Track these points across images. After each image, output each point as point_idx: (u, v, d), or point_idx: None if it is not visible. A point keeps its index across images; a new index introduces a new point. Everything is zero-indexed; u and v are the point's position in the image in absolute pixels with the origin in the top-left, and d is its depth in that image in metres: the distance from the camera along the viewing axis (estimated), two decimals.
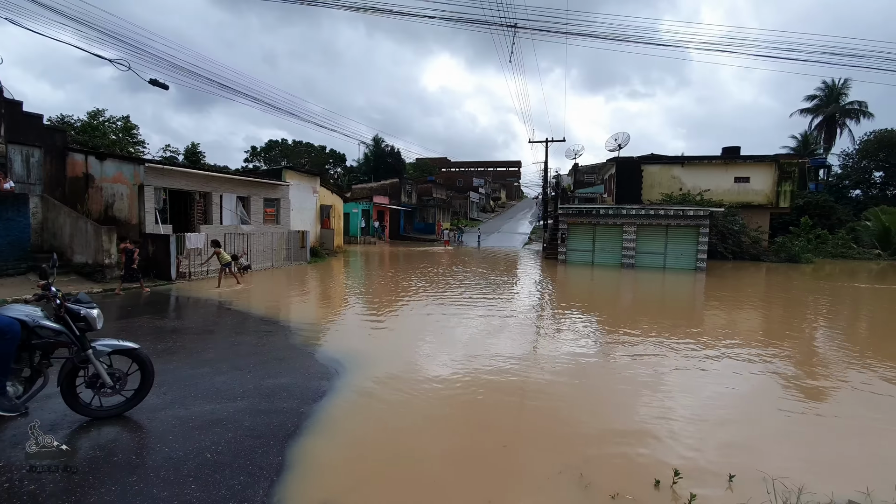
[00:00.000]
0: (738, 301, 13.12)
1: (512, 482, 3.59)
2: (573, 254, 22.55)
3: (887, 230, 28.12)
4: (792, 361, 7.16)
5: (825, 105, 43.04)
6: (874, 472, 3.70)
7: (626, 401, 5.41)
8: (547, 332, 8.69)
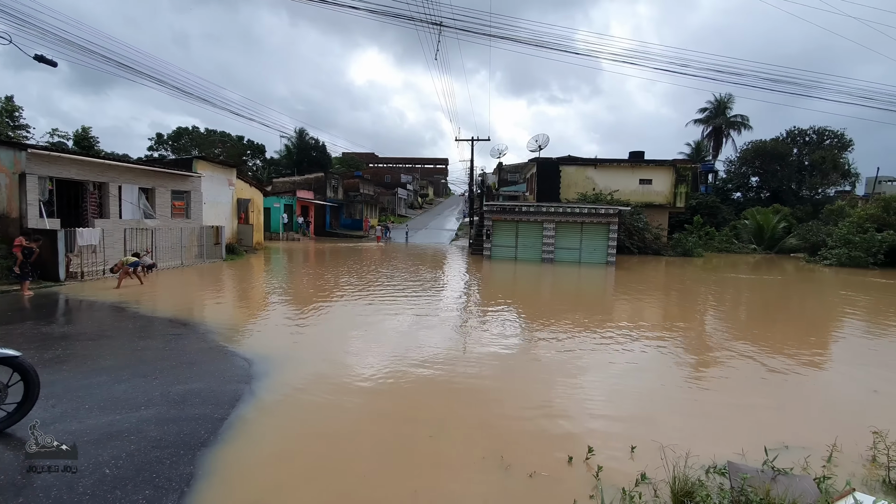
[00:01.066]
0: (643, 291, 14.46)
1: (438, 471, 3.69)
2: (497, 249, 23.37)
3: (761, 228, 32.53)
4: (686, 343, 8.07)
5: (714, 117, 48.59)
6: (749, 437, 4.30)
7: (544, 386, 5.76)
8: (473, 325, 8.96)
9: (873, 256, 23.03)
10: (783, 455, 3.85)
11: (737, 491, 2.92)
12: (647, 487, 3.31)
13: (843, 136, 39.67)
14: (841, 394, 5.93)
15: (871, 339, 9.16)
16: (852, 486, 3.35)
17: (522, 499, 3.21)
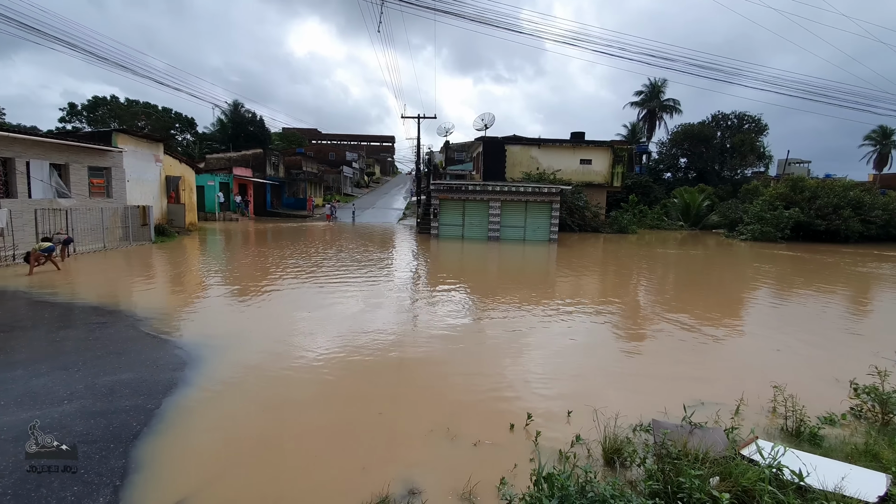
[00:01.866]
0: (584, 267, 15.21)
1: (386, 446, 3.77)
2: (445, 228, 23.51)
3: (688, 206, 35.03)
4: (620, 314, 8.64)
5: (649, 100, 51.06)
6: (671, 397, 4.71)
7: (491, 360, 5.98)
8: (422, 304, 9.04)
9: (781, 231, 25.60)
10: (699, 411, 4.29)
11: (658, 445, 3.23)
12: (582, 448, 3.58)
13: (759, 120, 43.17)
14: (749, 354, 6.64)
15: (776, 305, 10.28)
16: (755, 435, 3.81)
17: (467, 467, 3.37)
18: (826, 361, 6.24)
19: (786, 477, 2.96)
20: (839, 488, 2.89)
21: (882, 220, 26.47)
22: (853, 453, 3.57)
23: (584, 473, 2.74)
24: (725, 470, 2.97)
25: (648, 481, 2.84)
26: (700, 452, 3.15)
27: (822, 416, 4.26)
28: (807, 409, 4.16)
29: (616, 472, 3.29)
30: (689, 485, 2.64)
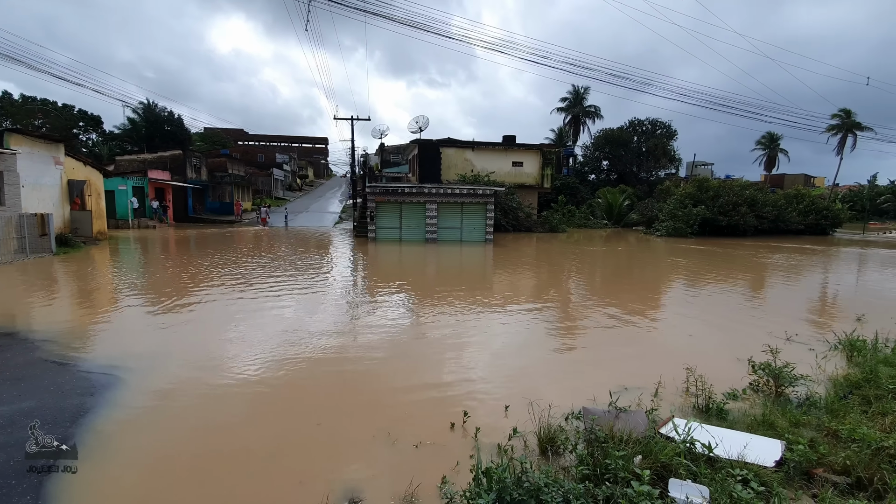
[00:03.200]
0: (518, 265, 15.76)
1: (325, 457, 3.68)
2: (382, 231, 23.30)
3: (611, 205, 37.50)
4: (553, 309, 9.07)
5: (573, 106, 53.99)
6: (600, 384, 5.03)
7: (431, 360, 6.03)
8: (360, 308, 8.89)
9: (691, 227, 28.20)
10: (624, 396, 4.62)
11: (588, 431, 3.45)
12: (519, 440, 3.72)
13: (669, 126, 47.16)
14: (667, 340, 7.26)
15: (688, 293, 11.31)
16: (672, 414, 4.18)
17: (409, 469, 3.38)
18: (730, 343, 6.96)
19: (698, 450, 3.28)
20: (742, 456, 3.25)
21: (772, 216, 30.04)
22: (753, 424, 4.03)
23: (520, 465, 2.86)
24: (646, 449, 3.24)
25: (579, 466, 3.03)
26: (624, 435, 3.40)
27: (727, 392, 4.76)
28: (714, 386, 4.63)
29: (550, 460, 3.47)
30: (615, 465, 2.85)
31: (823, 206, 33.07)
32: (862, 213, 43.98)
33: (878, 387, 4.54)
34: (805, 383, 4.82)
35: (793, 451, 3.34)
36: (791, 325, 7.71)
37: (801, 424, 3.93)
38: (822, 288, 13.07)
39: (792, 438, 3.54)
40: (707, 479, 2.94)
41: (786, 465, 3.26)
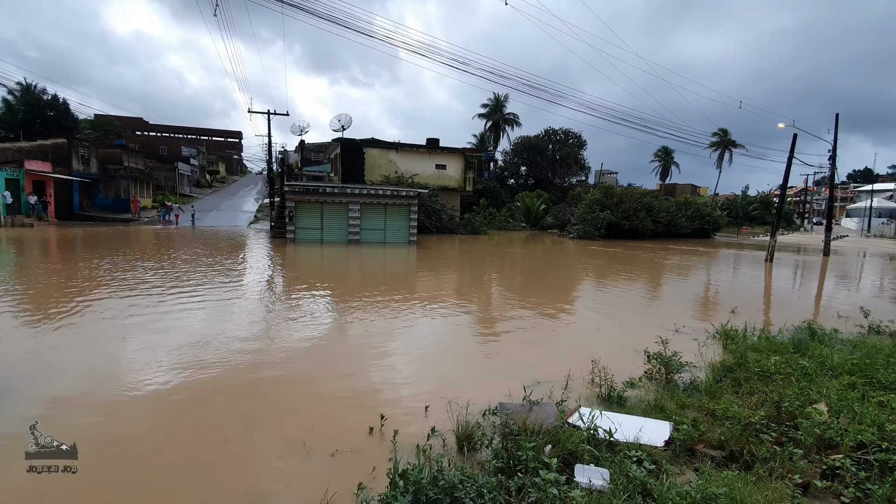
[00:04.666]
0: (441, 266, 15.96)
1: (233, 474, 3.43)
2: (302, 232, 22.34)
3: (528, 209, 39.44)
4: (474, 308, 9.30)
5: (494, 113, 56.00)
6: (516, 380, 5.23)
7: (350, 364, 5.88)
8: (278, 314, 8.43)
9: (598, 230, 30.55)
10: (537, 389, 4.87)
11: (503, 425, 3.58)
12: (437, 439, 3.76)
13: (580, 137, 50.71)
14: (576, 334, 7.78)
15: (596, 291, 12.22)
16: (579, 404, 4.48)
17: (325, 478, 3.26)
18: (630, 335, 7.62)
19: (600, 436, 3.55)
20: (637, 438, 3.57)
21: (666, 221, 33.53)
22: (647, 408, 4.44)
23: (436, 464, 2.89)
24: (555, 438, 3.44)
25: (493, 460, 3.13)
26: (536, 426, 3.58)
27: (626, 381, 5.21)
28: (616, 376, 5.04)
29: (465, 456, 3.54)
30: (526, 456, 2.99)
31: (706, 212, 37.62)
32: (736, 219, 50.80)
33: (747, 370, 5.23)
34: (689, 370, 5.42)
35: (679, 430, 3.74)
36: (680, 318, 8.64)
37: (686, 406, 4.41)
38: (706, 284, 14.83)
39: (678, 419, 3.97)
40: (608, 462, 3.18)
41: (673, 443, 3.64)
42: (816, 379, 4.77)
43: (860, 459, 3.30)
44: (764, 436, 3.61)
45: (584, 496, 2.67)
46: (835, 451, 3.47)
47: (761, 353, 5.76)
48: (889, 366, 5.07)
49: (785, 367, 5.13)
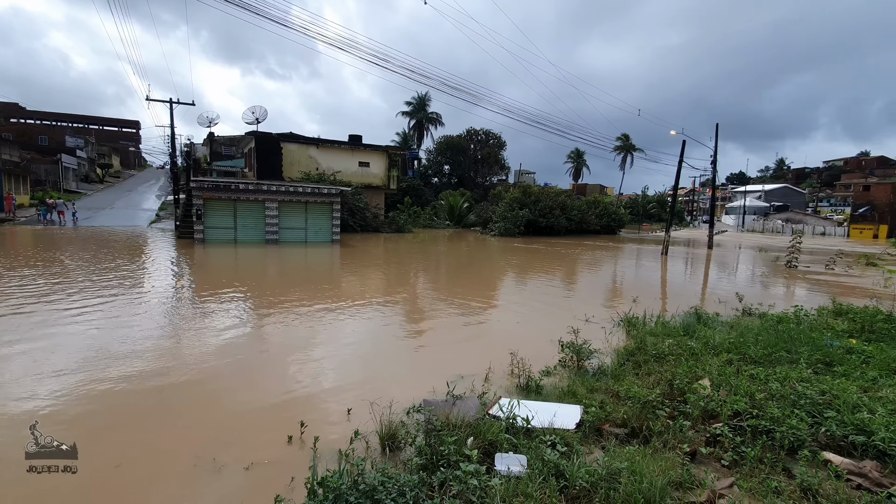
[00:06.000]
0: (366, 265, 15.68)
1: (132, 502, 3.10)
2: (212, 232, 20.72)
3: (452, 207, 40.13)
4: (399, 307, 9.25)
5: (417, 111, 56.16)
6: (440, 376, 5.28)
7: (268, 370, 5.57)
8: (186, 319, 7.72)
9: (518, 228, 31.94)
10: (460, 384, 4.97)
11: (426, 422, 3.61)
12: (361, 442, 3.69)
13: (500, 137, 52.63)
14: (498, 328, 8.06)
15: (518, 285, 12.77)
16: (499, 396, 4.65)
17: (237, 495, 3.07)
18: (547, 326, 8.03)
19: (519, 424, 3.72)
20: (552, 423, 3.79)
21: (578, 218, 35.97)
22: (561, 394, 4.73)
23: (357, 468, 2.84)
24: (477, 430, 3.54)
25: (415, 458, 3.15)
26: (459, 420, 3.66)
27: (542, 370, 5.51)
28: (533, 366, 5.31)
29: (387, 456, 3.52)
30: (448, 450, 3.04)
31: (613, 211, 40.94)
32: (638, 216, 55.85)
33: (646, 353, 5.78)
34: (598, 356, 5.87)
35: (588, 413, 4.03)
36: (591, 308, 9.31)
37: (594, 390, 4.76)
38: (613, 276, 16.13)
39: (588, 403, 4.28)
40: (525, 449, 3.35)
41: (583, 425, 3.91)
42: (702, 358, 5.40)
43: (736, 426, 3.79)
44: (659, 412, 4.01)
45: (503, 483, 2.78)
46: (716, 420, 3.96)
47: (658, 338, 6.39)
48: (758, 343, 5.88)
49: (677, 349, 5.74)
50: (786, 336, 6.16)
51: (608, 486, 2.89)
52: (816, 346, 5.72)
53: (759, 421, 3.74)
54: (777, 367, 5.04)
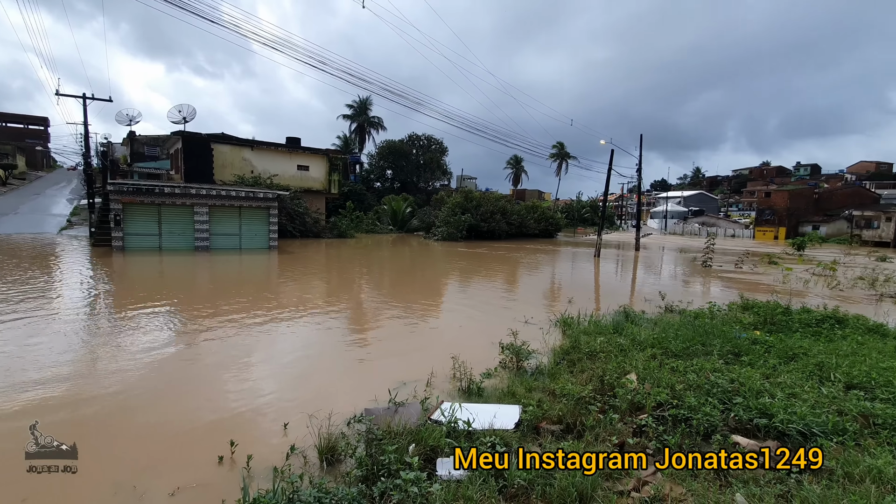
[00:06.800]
0: (306, 272, 15.16)
1: None
2: (133, 239, 19.11)
3: (395, 212, 39.92)
4: (341, 315, 9.04)
5: (359, 115, 55.34)
6: (382, 384, 5.23)
7: (198, 387, 5.23)
8: (104, 337, 7.03)
9: (461, 232, 32.38)
10: (402, 390, 4.95)
11: (367, 431, 3.57)
12: (298, 457, 3.57)
13: (441, 143, 53.19)
14: (441, 332, 8.12)
15: (461, 289, 12.92)
16: (441, 400, 4.69)
17: None
18: (489, 329, 8.19)
19: (460, 427, 3.77)
20: (492, 425, 3.88)
21: (518, 222, 37.11)
22: (501, 395, 4.85)
23: (291, 485, 2.75)
24: (418, 437, 3.55)
25: (356, 469, 3.10)
26: (401, 428, 3.65)
27: (483, 373, 5.62)
28: (475, 369, 5.41)
29: (325, 471, 3.43)
30: (388, 459, 3.02)
31: (550, 215, 42.68)
32: (573, 220, 58.67)
33: (580, 351, 6.08)
34: (536, 356, 6.09)
35: (526, 412, 4.17)
36: (530, 310, 9.63)
37: (533, 389, 4.93)
38: (551, 278, 16.80)
39: (526, 402, 4.42)
40: (466, 452, 3.40)
41: (522, 424, 4.04)
42: (629, 353, 5.77)
43: (659, 416, 4.09)
44: (591, 407, 4.24)
45: (443, 488, 2.81)
46: (642, 412, 4.24)
47: (590, 336, 6.75)
48: (678, 338, 6.38)
49: (607, 346, 6.09)
50: (701, 330, 6.74)
51: (544, 483, 3.01)
52: (727, 339, 6.30)
53: (678, 410, 4.06)
54: (694, 359, 5.49)
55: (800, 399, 4.25)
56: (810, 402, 4.14)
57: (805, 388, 4.56)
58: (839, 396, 4.38)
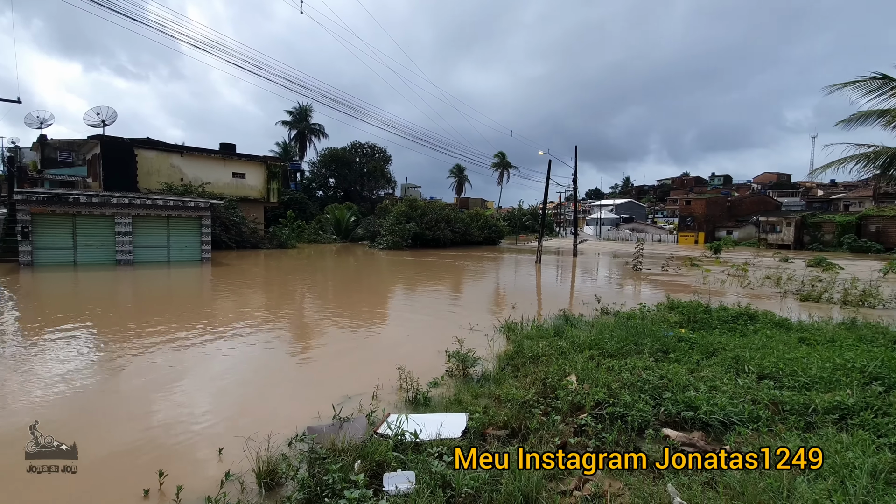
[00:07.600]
0: (241, 285, 14.39)
1: None
2: (44, 253, 17.24)
3: (339, 221, 39.05)
4: (281, 330, 8.65)
5: (299, 122, 53.73)
6: (326, 400, 5.05)
7: (118, 416, 4.76)
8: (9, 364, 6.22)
9: (406, 241, 32.29)
10: (347, 404, 4.82)
11: (310, 451, 3.44)
12: (234, 484, 3.36)
13: (385, 151, 52.95)
14: (388, 343, 8.00)
15: (407, 298, 12.84)
16: (387, 413, 4.62)
17: None
18: (435, 337, 8.20)
19: (407, 439, 3.73)
20: (439, 434, 3.87)
21: (462, 230, 37.66)
22: (448, 404, 4.86)
23: None
24: (364, 452, 3.47)
25: (298, 492, 2.97)
26: (346, 444, 3.55)
27: (430, 382, 5.61)
28: (422, 378, 5.38)
29: (263, 496, 3.26)
30: (332, 479, 2.93)
31: (493, 223, 43.70)
32: (515, 228, 60.44)
33: (523, 356, 6.24)
34: (482, 363, 6.17)
35: (473, 419, 4.21)
36: (475, 316, 9.77)
37: (479, 396, 4.99)
38: (495, 285, 17.16)
39: (472, 409, 4.46)
40: (413, 464, 3.36)
41: (469, 432, 4.07)
42: (569, 356, 6.00)
43: (598, 415, 4.28)
44: (535, 410, 4.36)
45: None
46: (582, 411, 4.42)
47: (533, 340, 6.95)
48: (612, 338, 6.73)
49: (549, 350, 6.30)
50: (634, 330, 7.16)
51: (491, 489, 3.04)
52: (656, 337, 6.74)
53: (615, 408, 4.27)
54: (628, 358, 5.82)
55: (720, 391, 4.63)
56: (728, 394, 4.52)
57: (724, 380, 4.98)
58: (753, 386, 4.82)
